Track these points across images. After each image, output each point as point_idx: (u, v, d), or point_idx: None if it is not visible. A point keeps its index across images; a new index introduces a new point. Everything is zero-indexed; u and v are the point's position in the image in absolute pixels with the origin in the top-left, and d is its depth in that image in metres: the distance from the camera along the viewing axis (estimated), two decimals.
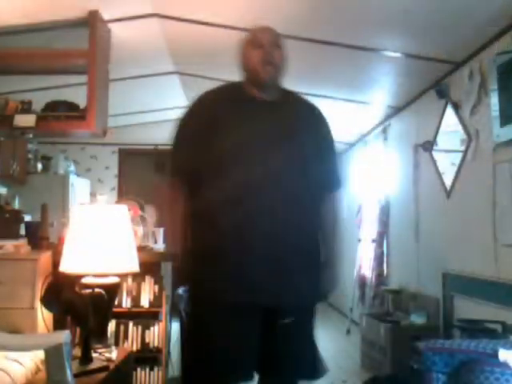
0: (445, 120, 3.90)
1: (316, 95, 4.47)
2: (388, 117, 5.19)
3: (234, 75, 2.00)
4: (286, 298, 1.81)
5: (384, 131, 5.33)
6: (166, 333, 3.10)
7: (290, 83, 2.03)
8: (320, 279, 1.93)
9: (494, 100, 3.04)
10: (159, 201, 2.04)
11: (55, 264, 2.67)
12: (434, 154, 4.10)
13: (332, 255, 2.00)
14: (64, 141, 6.37)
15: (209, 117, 1.88)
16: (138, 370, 2.99)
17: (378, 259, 5.32)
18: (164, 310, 3.06)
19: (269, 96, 1.92)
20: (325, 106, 2.12)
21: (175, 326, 3.58)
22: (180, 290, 3.69)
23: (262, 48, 1.89)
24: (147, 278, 3.06)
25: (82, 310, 2.02)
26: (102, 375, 1.98)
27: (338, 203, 2.04)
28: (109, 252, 2.23)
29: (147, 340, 3.01)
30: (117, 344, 2.88)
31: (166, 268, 3.37)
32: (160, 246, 3.47)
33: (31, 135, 3.70)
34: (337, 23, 3.24)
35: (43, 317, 2.74)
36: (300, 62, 4.02)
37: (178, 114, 2.05)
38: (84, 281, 2.24)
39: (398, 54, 3.61)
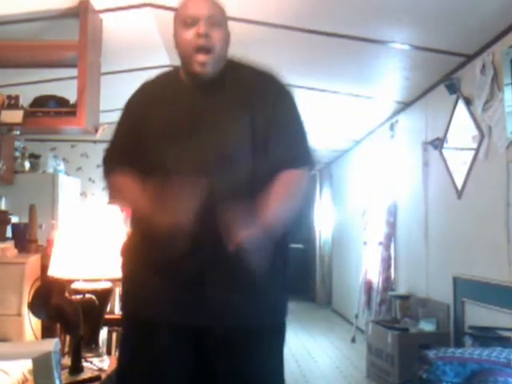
0: (455, 116, 3.90)
1: (319, 90, 4.48)
2: (395, 113, 5.19)
3: None
4: (216, 317, 1.58)
5: (391, 128, 5.33)
6: None
7: (292, 77, 2.01)
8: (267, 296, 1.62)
9: (508, 95, 3.04)
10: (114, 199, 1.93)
11: (44, 268, 2.66)
12: (444, 151, 4.10)
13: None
14: (53, 138, 6.36)
15: (138, 118, 1.73)
16: None
17: (385, 263, 5.32)
18: None
19: (207, 82, 1.65)
20: (329, 101, 2.11)
21: None
22: None
23: (194, 27, 1.58)
24: None
25: (73, 316, 2.01)
26: None
27: (298, 184, 1.66)
28: (100, 255, 2.23)
29: None
30: (109, 353, 2.87)
31: None
32: None
33: (18, 132, 3.69)
34: (341, 14, 3.24)
35: (31, 324, 2.74)
36: (302, 55, 4.04)
37: None
38: (74, 286, 2.24)
39: (405, 47, 3.61)
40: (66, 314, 2.01)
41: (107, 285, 2.29)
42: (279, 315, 1.69)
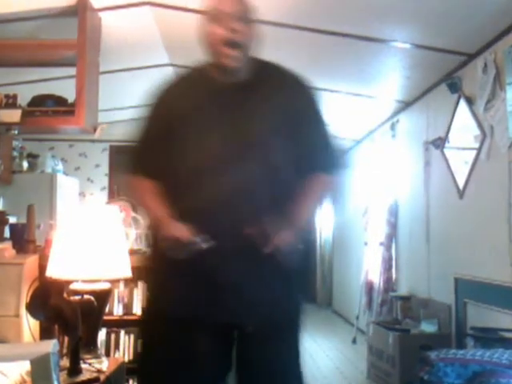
0: (457, 115, 3.89)
1: (319, 89, 4.47)
2: (396, 112, 5.19)
3: None
4: (241, 313, 1.68)
5: (392, 127, 5.33)
6: None
7: None
8: (292, 288, 1.75)
9: (510, 94, 3.04)
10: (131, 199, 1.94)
11: (42, 269, 2.66)
12: (446, 151, 4.10)
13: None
14: (51, 137, 6.36)
15: (167, 116, 1.76)
16: (130, 381, 2.98)
17: (386, 263, 5.32)
18: None
19: (237, 78, 1.72)
20: (329, 101, 2.11)
21: None
22: None
23: (222, 23, 1.65)
24: (140, 283, 3.05)
25: (71, 317, 2.01)
26: None
27: (328, 190, 1.80)
28: (99, 256, 2.23)
29: (140, 350, 3.00)
30: (108, 354, 2.88)
31: None
32: None
33: (16, 131, 3.70)
34: (341, 12, 3.24)
35: (29, 325, 2.74)
36: (301, 53, 4.03)
37: None
38: (73, 287, 2.24)
39: (406, 45, 3.61)
40: (64, 315, 2.01)
41: (106, 286, 2.29)
42: (301, 312, 1.81)
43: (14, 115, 3.40)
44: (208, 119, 1.71)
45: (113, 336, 2.99)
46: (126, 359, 2.94)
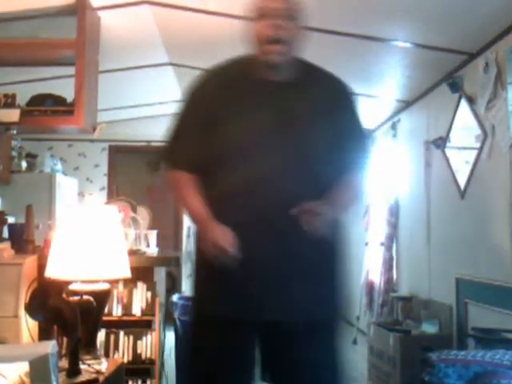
0: (458, 115, 3.89)
1: None
2: (397, 112, 5.18)
3: None
4: (282, 312, 1.74)
5: (393, 127, 5.33)
6: (160, 343, 3.10)
7: None
8: (334, 289, 1.85)
9: (511, 94, 3.03)
10: (171, 195, 1.98)
11: (41, 269, 2.66)
12: (447, 151, 4.10)
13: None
14: (50, 137, 6.36)
15: (209, 108, 1.80)
16: (130, 382, 2.98)
17: (387, 264, 5.32)
18: (157, 318, 3.05)
19: (282, 76, 1.78)
20: None
21: (169, 336, 3.57)
22: (174, 297, 3.69)
23: (269, 19, 1.71)
24: (139, 284, 3.05)
25: (70, 318, 2.01)
26: None
27: (359, 191, 1.90)
28: (98, 256, 2.23)
29: (139, 351, 3.00)
30: (107, 355, 2.88)
31: (160, 273, 3.37)
32: (153, 250, 3.47)
33: (15, 131, 3.70)
34: (341, 11, 3.24)
35: (28, 326, 2.74)
36: (302, 53, 4.03)
37: (172, 108, 2.05)
38: (72, 287, 2.24)
39: (407, 44, 3.61)
40: (63, 315, 2.01)
41: (105, 286, 2.29)
42: (337, 311, 1.86)
43: (12, 115, 3.40)
44: (249, 108, 1.76)
45: (112, 337, 2.99)
46: (126, 360, 2.94)
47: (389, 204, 5.36)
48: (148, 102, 6.09)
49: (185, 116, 1.86)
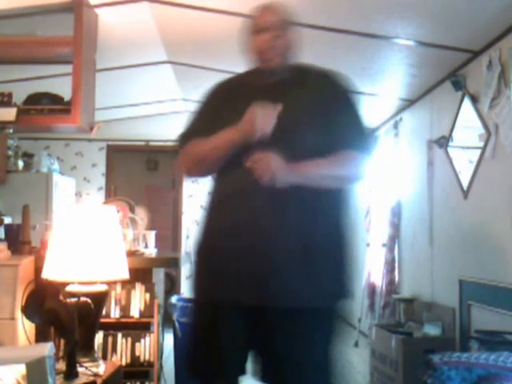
0: (461, 114, 3.90)
1: None
2: (399, 110, 5.19)
3: (232, 64, 2.01)
4: (275, 298, 1.83)
5: (395, 126, 5.33)
6: (158, 345, 3.10)
7: None
8: (337, 278, 1.96)
9: None
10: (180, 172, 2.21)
11: (38, 270, 2.67)
12: (450, 150, 4.10)
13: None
14: (47, 136, 6.37)
15: (217, 106, 2.04)
16: None
17: (389, 265, 5.32)
18: (156, 320, 3.05)
19: (278, 80, 1.99)
20: None
21: (168, 338, 3.58)
22: (173, 299, 3.69)
23: (265, 32, 1.95)
24: (137, 285, 3.05)
25: (67, 320, 2.01)
26: None
27: (353, 160, 1.94)
28: (96, 257, 2.23)
29: (137, 353, 3.00)
30: (104, 357, 2.88)
31: (158, 275, 3.37)
32: (151, 251, 3.47)
33: (11, 130, 3.70)
34: (343, 8, 3.24)
35: (24, 328, 2.74)
36: (303, 51, 4.03)
37: (170, 106, 2.10)
38: (69, 289, 2.24)
39: (410, 42, 3.61)
40: (60, 317, 2.01)
41: (103, 287, 2.29)
42: (334, 299, 1.96)
43: (8, 114, 3.41)
44: (245, 108, 1.89)
45: (110, 339, 2.99)
46: (124, 362, 2.94)
47: (391, 204, 5.36)
48: (146, 101, 6.08)
49: (196, 113, 2.10)
